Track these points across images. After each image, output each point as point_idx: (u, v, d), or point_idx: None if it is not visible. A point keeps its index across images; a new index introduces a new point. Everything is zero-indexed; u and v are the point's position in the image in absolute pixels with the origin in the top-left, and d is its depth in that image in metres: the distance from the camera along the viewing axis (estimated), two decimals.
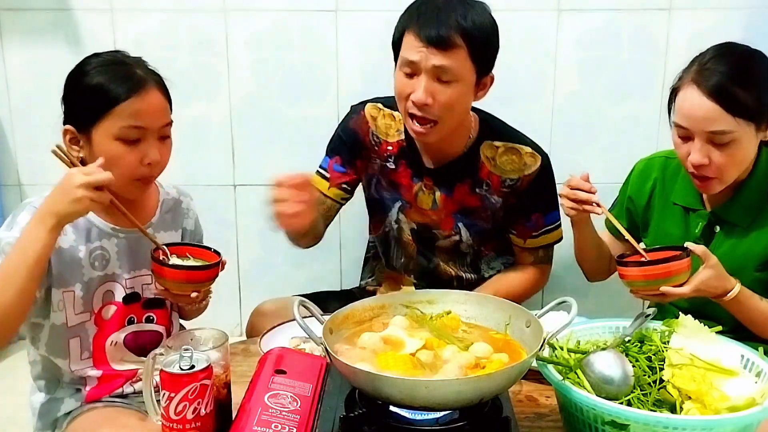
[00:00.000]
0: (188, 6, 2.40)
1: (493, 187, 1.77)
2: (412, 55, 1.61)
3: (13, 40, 2.45)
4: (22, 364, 2.22)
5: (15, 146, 2.55)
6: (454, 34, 1.58)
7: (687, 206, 1.65)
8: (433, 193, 1.81)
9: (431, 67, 1.59)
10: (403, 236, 1.89)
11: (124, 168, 1.41)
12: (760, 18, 2.27)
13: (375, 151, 1.84)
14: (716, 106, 1.45)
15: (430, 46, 1.58)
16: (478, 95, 1.70)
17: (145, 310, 1.54)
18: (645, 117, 2.44)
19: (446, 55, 1.58)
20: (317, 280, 2.58)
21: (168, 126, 1.47)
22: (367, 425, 1.16)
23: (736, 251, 1.57)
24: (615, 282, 2.44)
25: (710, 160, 1.48)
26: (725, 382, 1.17)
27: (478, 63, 1.63)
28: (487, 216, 1.81)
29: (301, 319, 1.18)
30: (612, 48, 2.39)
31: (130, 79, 1.41)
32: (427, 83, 1.60)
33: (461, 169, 1.78)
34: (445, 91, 1.61)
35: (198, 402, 1.12)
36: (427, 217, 1.84)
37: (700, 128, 1.47)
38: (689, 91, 1.48)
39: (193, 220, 1.66)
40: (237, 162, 2.55)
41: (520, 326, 1.26)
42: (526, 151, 1.78)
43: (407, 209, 1.85)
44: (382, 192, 1.87)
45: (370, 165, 1.86)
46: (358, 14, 2.39)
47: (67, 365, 1.48)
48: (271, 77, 2.47)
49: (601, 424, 1.11)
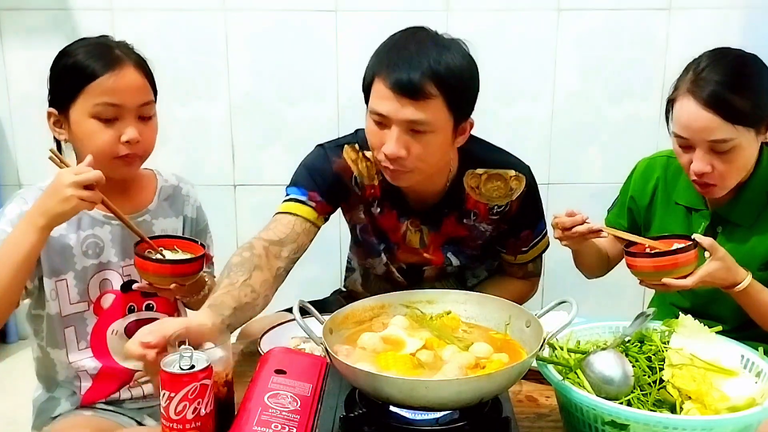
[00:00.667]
0: (188, 6, 2.41)
1: (481, 216, 1.70)
2: (382, 106, 1.47)
3: (13, 40, 2.46)
4: (22, 364, 2.22)
5: (15, 146, 2.55)
6: (428, 83, 1.43)
7: (689, 206, 1.65)
8: (420, 231, 1.72)
9: (403, 120, 1.46)
10: (392, 276, 1.82)
11: (101, 146, 1.39)
12: (759, 18, 2.27)
13: (358, 197, 1.71)
14: (714, 116, 1.44)
15: (402, 96, 1.44)
16: (456, 141, 1.57)
17: (144, 298, 1.53)
18: (645, 117, 2.44)
19: (419, 106, 1.44)
20: (316, 281, 2.57)
21: (148, 106, 1.44)
22: (367, 425, 1.15)
23: (739, 251, 1.57)
24: (615, 282, 2.44)
25: (713, 168, 1.48)
26: (725, 382, 1.17)
27: (455, 110, 1.49)
28: (476, 244, 1.75)
29: (301, 319, 1.18)
30: (612, 48, 2.39)
31: (106, 56, 1.39)
32: (399, 136, 1.47)
33: (446, 204, 1.69)
34: (419, 144, 1.48)
35: (198, 402, 1.12)
36: (417, 255, 1.76)
37: (700, 138, 1.47)
38: (686, 103, 1.47)
39: (194, 208, 1.63)
40: (237, 162, 2.55)
41: (520, 326, 1.26)
42: (510, 175, 1.68)
43: (396, 250, 1.76)
44: (369, 238, 1.79)
45: (355, 212, 1.75)
46: (358, 14, 2.39)
47: (64, 355, 1.47)
48: (271, 77, 2.47)
49: (601, 424, 1.11)
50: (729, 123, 1.44)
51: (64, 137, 1.43)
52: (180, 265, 1.42)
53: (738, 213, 1.59)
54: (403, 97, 1.44)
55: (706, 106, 1.44)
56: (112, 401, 1.52)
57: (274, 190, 2.61)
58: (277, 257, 1.53)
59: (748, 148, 1.49)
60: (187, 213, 1.61)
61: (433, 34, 1.53)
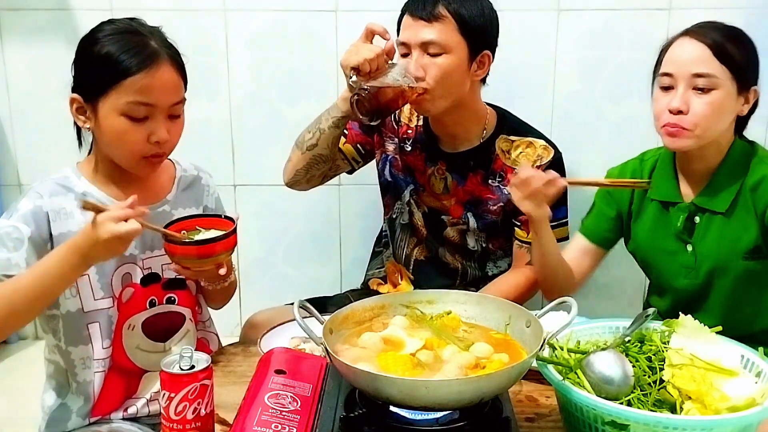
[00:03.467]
0: (188, 6, 2.41)
1: (506, 179, 1.79)
2: (403, 35, 1.72)
3: (13, 40, 2.45)
4: (22, 364, 2.22)
5: (15, 146, 2.55)
6: (440, 6, 1.67)
7: (665, 200, 1.65)
8: (445, 179, 1.86)
9: (419, 42, 1.68)
10: (413, 220, 1.93)
11: (130, 145, 1.35)
12: (759, 18, 2.27)
13: (394, 131, 1.91)
14: (706, 49, 1.51)
15: (417, 18, 1.68)
16: (476, 73, 1.76)
17: (165, 291, 1.48)
18: (645, 117, 2.41)
19: (432, 27, 1.67)
20: (317, 281, 2.58)
21: (179, 104, 1.40)
22: (367, 425, 1.15)
23: (721, 241, 1.59)
24: (615, 282, 2.44)
25: (688, 108, 1.52)
26: (725, 382, 1.17)
27: (467, 36, 1.69)
28: (497, 209, 1.83)
29: (301, 319, 1.18)
30: (612, 48, 2.39)
31: (141, 51, 1.33)
32: (418, 57, 1.69)
33: (475, 158, 1.82)
34: (434, 63, 1.68)
35: (198, 402, 1.12)
36: (438, 201, 1.88)
37: (686, 70, 1.52)
38: (681, 40, 1.56)
39: (213, 198, 1.60)
40: (237, 162, 2.55)
41: (520, 326, 1.26)
42: (540, 144, 1.83)
43: (420, 192, 1.90)
44: (396, 173, 1.93)
45: (386, 144, 1.93)
46: (358, 14, 2.39)
47: (90, 352, 1.42)
48: (271, 77, 2.47)
49: (601, 424, 1.11)
50: (717, 60, 1.50)
51: (88, 126, 1.38)
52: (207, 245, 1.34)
53: (712, 200, 1.59)
54: (418, 20, 1.68)
55: (700, 40, 1.53)
56: (128, 417, 1.48)
57: (274, 190, 2.61)
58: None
59: (727, 98, 1.52)
60: (208, 203, 1.57)
61: None
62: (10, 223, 1.34)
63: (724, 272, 1.61)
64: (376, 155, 1.96)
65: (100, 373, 1.45)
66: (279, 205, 2.54)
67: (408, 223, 1.95)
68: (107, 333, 1.44)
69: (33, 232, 1.35)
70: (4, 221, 1.35)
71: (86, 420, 1.46)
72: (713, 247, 1.60)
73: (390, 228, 2.01)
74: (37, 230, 1.35)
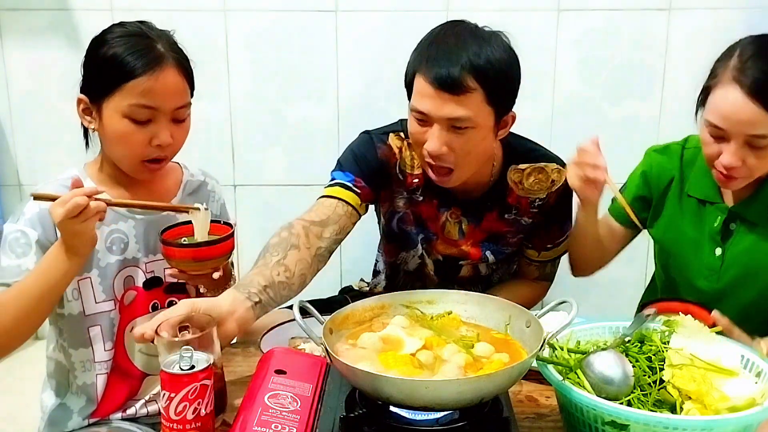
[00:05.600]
0: (188, 6, 2.41)
1: (522, 210, 1.70)
2: (423, 104, 1.48)
3: (13, 40, 2.46)
4: (22, 364, 2.22)
5: (15, 146, 2.55)
6: (467, 76, 1.44)
7: (704, 199, 1.59)
8: (459, 223, 1.72)
9: (444, 117, 1.47)
10: (425, 270, 1.80)
11: (132, 148, 1.36)
12: (759, 18, 2.27)
13: (401, 184, 1.71)
14: (760, 109, 1.36)
15: (442, 91, 1.45)
16: (498, 134, 1.58)
17: (167, 295, 1.49)
18: (645, 117, 2.44)
19: (459, 101, 1.45)
20: (317, 281, 2.57)
21: (184, 108, 1.40)
22: (367, 425, 1.15)
23: (757, 251, 1.54)
24: (615, 282, 2.44)
25: (743, 163, 1.43)
26: (725, 383, 1.17)
27: (495, 104, 1.49)
28: (516, 240, 1.74)
29: (301, 319, 1.18)
30: (612, 48, 2.39)
31: (147, 54, 1.34)
32: (441, 134, 1.48)
33: (489, 198, 1.70)
34: (460, 140, 1.49)
35: (198, 402, 1.12)
36: (455, 248, 1.75)
37: (740, 131, 1.39)
38: (730, 91, 1.39)
39: (219, 204, 1.60)
40: (237, 162, 2.55)
41: (520, 326, 1.26)
42: (551, 167, 1.70)
43: (434, 241, 1.75)
44: (407, 227, 1.76)
45: (395, 199, 1.73)
46: (358, 14, 2.39)
47: (90, 355, 1.43)
48: (271, 77, 2.47)
49: (601, 425, 1.11)
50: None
51: (93, 126, 1.39)
52: (203, 248, 1.36)
53: (756, 211, 1.54)
54: (444, 93, 1.45)
55: (752, 98, 1.36)
56: (127, 418, 1.48)
57: (274, 190, 2.62)
58: (319, 237, 1.53)
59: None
60: (212, 210, 1.56)
61: (472, 27, 1.54)
62: (18, 227, 1.35)
63: (746, 283, 1.56)
64: (382, 207, 1.78)
65: (103, 375, 1.45)
66: (279, 205, 2.54)
67: (416, 270, 1.81)
68: (109, 335, 1.44)
69: (40, 235, 1.35)
70: (12, 226, 1.36)
71: (86, 421, 1.47)
72: (743, 256, 1.54)
73: (391, 270, 1.87)
74: (43, 233, 1.36)
